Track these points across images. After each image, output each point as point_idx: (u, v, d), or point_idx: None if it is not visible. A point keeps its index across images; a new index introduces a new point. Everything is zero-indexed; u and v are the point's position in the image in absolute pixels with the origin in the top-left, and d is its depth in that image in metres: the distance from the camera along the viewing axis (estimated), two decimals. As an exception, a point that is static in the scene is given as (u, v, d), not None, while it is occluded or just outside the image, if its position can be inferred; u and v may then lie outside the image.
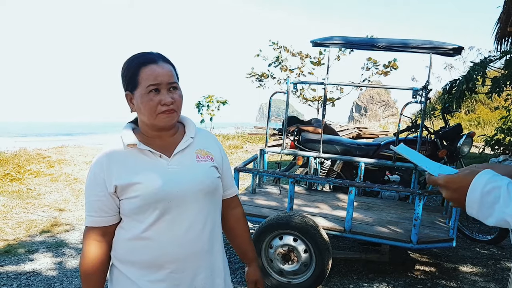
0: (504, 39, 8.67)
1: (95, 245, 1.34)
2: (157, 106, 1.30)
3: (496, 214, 0.77)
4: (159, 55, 1.37)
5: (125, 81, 1.35)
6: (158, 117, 1.32)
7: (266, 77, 13.26)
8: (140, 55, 1.36)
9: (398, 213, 3.72)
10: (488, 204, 0.79)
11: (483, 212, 0.80)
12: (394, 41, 4.00)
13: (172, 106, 1.32)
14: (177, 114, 1.36)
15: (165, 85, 1.31)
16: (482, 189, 0.80)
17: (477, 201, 0.80)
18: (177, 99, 1.34)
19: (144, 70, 1.30)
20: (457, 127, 4.36)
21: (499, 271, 3.50)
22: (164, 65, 1.33)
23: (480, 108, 19.13)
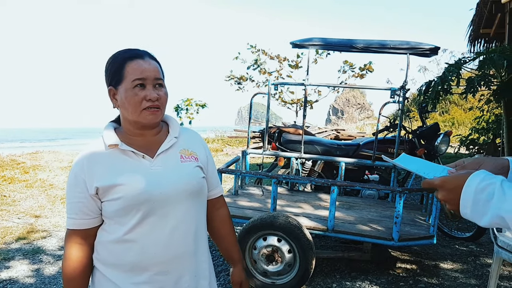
0: (477, 40, 8.95)
1: (77, 248, 1.31)
2: (141, 101, 1.27)
3: (491, 211, 0.77)
4: (146, 51, 1.35)
5: (109, 76, 1.32)
6: (142, 113, 1.29)
7: (245, 80, 13.24)
8: (126, 50, 1.34)
9: (379, 211, 3.77)
10: (482, 202, 0.79)
11: (477, 210, 0.80)
12: (372, 42, 4.07)
13: (157, 102, 1.30)
14: (161, 112, 1.34)
15: (151, 80, 1.29)
16: (476, 187, 0.80)
17: (471, 199, 0.81)
18: (162, 96, 1.32)
19: (130, 64, 1.28)
20: (434, 126, 4.46)
21: (479, 267, 3.59)
22: (151, 61, 1.32)
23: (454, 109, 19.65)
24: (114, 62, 1.32)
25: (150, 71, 1.29)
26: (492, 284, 2.76)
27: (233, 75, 13.31)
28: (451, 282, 3.30)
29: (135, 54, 1.31)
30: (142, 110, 1.29)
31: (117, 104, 1.34)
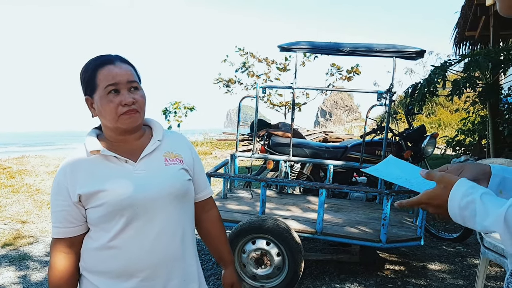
0: (462, 43, 9.07)
1: (63, 257, 1.30)
2: (117, 107, 1.26)
3: (478, 226, 0.80)
4: (117, 56, 1.34)
5: (84, 85, 1.32)
6: (120, 118, 1.28)
7: (233, 83, 13.28)
8: (97, 58, 1.33)
9: (367, 213, 3.80)
10: (467, 218, 0.82)
11: (468, 223, 0.83)
12: (359, 46, 4.11)
13: (134, 106, 1.28)
14: (140, 115, 1.32)
15: (124, 84, 1.28)
16: (459, 205, 0.82)
17: (458, 215, 0.83)
18: (139, 99, 1.31)
19: (101, 71, 1.27)
20: (421, 128, 4.52)
21: (466, 268, 3.63)
22: (122, 65, 1.30)
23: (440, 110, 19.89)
24: (86, 71, 1.31)
25: (122, 75, 1.28)
26: (479, 284, 2.79)
27: (221, 78, 13.33)
28: (439, 283, 3.34)
29: (106, 60, 1.30)
30: (120, 116, 1.28)
31: (95, 113, 1.33)
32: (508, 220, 0.74)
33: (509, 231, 0.74)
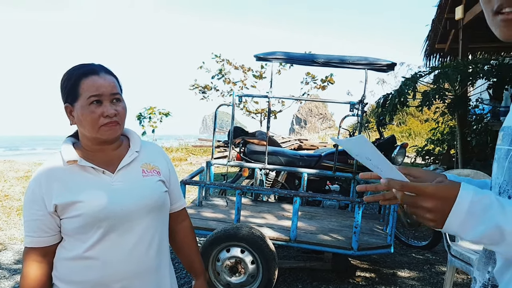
0: (432, 55, 9.37)
1: (35, 266, 1.29)
2: (99, 118, 1.27)
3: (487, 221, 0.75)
4: (101, 66, 1.34)
5: (65, 93, 1.31)
6: (100, 129, 1.28)
7: (209, 89, 13.29)
8: (80, 66, 1.32)
9: (339, 221, 3.88)
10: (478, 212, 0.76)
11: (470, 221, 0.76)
12: (332, 57, 4.21)
13: (115, 118, 1.29)
14: (120, 127, 1.33)
15: (107, 96, 1.28)
16: (472, 198, 0.76)
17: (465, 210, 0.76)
18: (121, 111, 1.32)
19: (85, 81, 1.27)
20: (391, 138, 4.65)
21: (434, 275, 3.74)
22: (106, 77, 1.31)
23: (411, 120, 20.42)
24: (69, 79, 1.30)
25: (106, 87, 1.28)
26: (446, 291, 2.90)
27: (197, 84, 13.32)
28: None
29: (90, 70, 1.30)
30: (100, 127, 1.28)
31: (74, 121, 1.32)
32: None
33: None
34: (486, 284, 0.91)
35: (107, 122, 1.28)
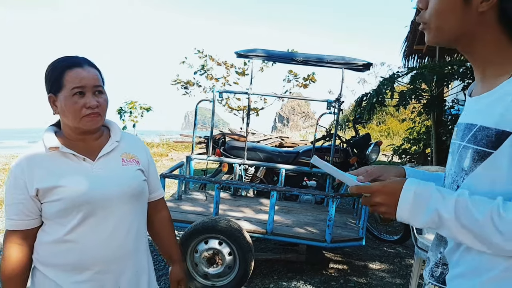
0: (411, 56, 9.60)
1: (16, 249, 1.35)
2: (81, 109, 1.33)
3: (429, 209, 0.89)
4: (85, 59, 1.41)
5: (49, 83, 1.37)
6: (82, 120, 1.35)
7: (191, 85, 13.28)
8: (65, 58, 1.39)
9: (314, 215, 4.01)
10: (420, 203, 0.90)
11: (416, 210, 0.91)
12: (311, 56, 4.33)
13: (97, 109, 1.36)
14: (101, 118, 1.40)
15: (90, 88, 1.35)
16: (416, 190, 0.91)
17: (411, 200, 0.91)
18: (102, 103, 1.39)
19: (69, 73, 1.33)
20: (366, 136, 4.81)
21: (404, 268, 3.92)
22: (90, 69, 1.37)
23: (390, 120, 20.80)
24: (53, 70, 1.37)
25: (89, 79, 1.35)
26: (413, 283, 3.05)
27: (179, 80, 13.29)
28: (378, 281, 3.59)
29: (74, 63, 1.36)
30: (82, 117, 1.35)
31: (57, 111, 1.39)
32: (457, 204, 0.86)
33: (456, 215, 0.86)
34: (437, 263, 1.04)
35: (89, 113, 1.35)
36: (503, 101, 0.87)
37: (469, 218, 0.85)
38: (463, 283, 0.93)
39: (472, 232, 0.85)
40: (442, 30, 0.95)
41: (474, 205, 0.85)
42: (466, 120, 0.99)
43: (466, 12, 0.91)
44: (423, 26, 0.99)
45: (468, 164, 0.93)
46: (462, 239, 0.88)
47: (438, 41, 0.98)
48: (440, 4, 0.93)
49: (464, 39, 0.95)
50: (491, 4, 0.88)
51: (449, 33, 0.95)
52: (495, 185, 0.87)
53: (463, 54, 1.01)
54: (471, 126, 0.95)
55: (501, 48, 0.92)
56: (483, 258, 0.89)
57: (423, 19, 0.98)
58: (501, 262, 0.86)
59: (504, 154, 0.85)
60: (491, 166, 0.88)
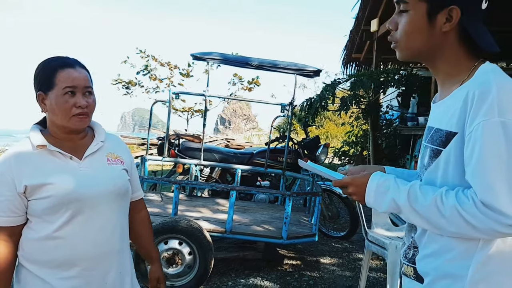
0: (349, 63, 10.13)
1: (3, 245, 1.34)
2: (71, 108, 1.36)
3: (388, 199, 1.08)
4: (76, 60, 1.44)
5: (39, 82, 1.39)
6: (71, 119, 1.38)
7: (133, 85, 12.97)
8: (57, 58, 1.42)
9: (270, 213, 4.17)
10: (381, 193, 1.10)
11: (378, 198, 1.11)
12: (265, 61, 4.49)
13: (86, 109, 1.39)
14: (89, 118, 1.44)
15: (81, 88, 1.38)
16: (377, 182, 1.11)
17: (373, 191, 1.11)
18: (91, 103, 1.42)
19: (61, 72, 1.36)
20: (316, 138, 5.07)
21: (352, 261, 4.18)
22: (81, 70, 1.41)
23: (328, 123, 21.67)
24: (44, 69, 1.39)
25: (80, 80, 1.38)
26: (364, 274, 3.29)
27: (120, 79, 12.91)
28: (330, 274, 3.81)
29: (66, 63, 1.39)
30: (72, 117, 1.38)
31: (46, 109, 1.40)
32: (410, 193, 1.04)
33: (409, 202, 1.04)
34: (410, 246, 1.21)
35: (79, 113, 1.38)
36: (452, 106, 1.05)
37: (418, 204, 1.03)
38: (429, 262, 1.11)
39: (422, 216, 1.03)
40: (411, 49, 1.13)
41: (422, 193, 1.04)
42: (429, 124, 1.19)
43: (431, 33, 1.08)
44: (394, 45, 1.16)
45: (427, 161, 1.13)
46: (416, 222, 1.07)
47: (407, 58, 1.16)
48: (409, 27, 1.10)
49: (429, 55, 1.13)
50: (453, 25, 1.06)
51: (417, 51, 1.13)
52: (445, 178, 1.06)
53: (428, 67, 1.19)
54: (430, 128, 1.15)
55: (459, 62, 1.10)
56: (445, 241, 1.06)
57: (395, 39, 1.14)
58: (459, 245, 1.04)
59: (451, 151, 1.04)
60: (441, 161, 1.07)
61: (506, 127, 0.94)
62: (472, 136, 0.97)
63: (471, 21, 1.05)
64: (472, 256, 1.02)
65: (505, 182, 0.93)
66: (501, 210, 0.92)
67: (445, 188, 1.02)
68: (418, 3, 1.07)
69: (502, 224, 0.92)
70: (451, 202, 0.98)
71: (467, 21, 1.05)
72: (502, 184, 0.93)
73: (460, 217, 0.96)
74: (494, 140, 0.94)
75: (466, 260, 1.03)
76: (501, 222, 0.92)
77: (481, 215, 0.94)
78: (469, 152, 0.98)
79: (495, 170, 0.94)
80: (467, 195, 0.97)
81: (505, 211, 0.92)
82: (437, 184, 1.07)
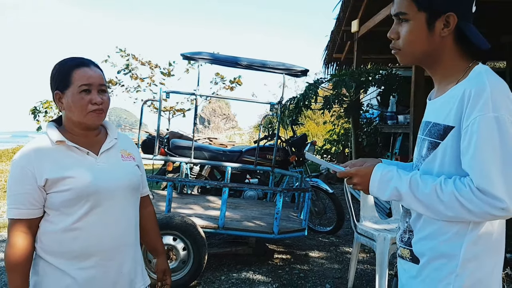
0: (330, 63, 10.32)
1: (22, 237, 1.39)
2: (87, 105, 1.43)
3: (390, 187, 1.19)
4: (90, 60, 1.52)
5: (56, 81, 1.46)
6: (87, 115, 1.45)
7: (114, 84, 12.83)
8: (73, 58, 1.49)
9: (260, 210, 4.27)
10: (385, 182, 1.21)
11: (382, 187, 1.21)
12: (254, 61, 4.58)
13: (101, 106, 1.46)
14: (104, 115, 1.51)
15: (96, 86, 1.45)
16: (381, 172, 1.22)
17: (377, 181, 1.22)
18: (106, 100, 1.49)
19: (77, 71, 1.43)
20: (303, 136, 5.20)
21: (340, 255, 4.33)
22: (96, 69, 1.48)
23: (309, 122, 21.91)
24: (61, 69, 1.46)
25: (95, 78, 1.46)
26: (353, 265, 3.43)
27: (101, 79, 12.70)
28: (319, 267, 3.94)
29: (82, 62, 1.47)
30: (88, 113, 1.45)
31: (63, 107, 1.47)
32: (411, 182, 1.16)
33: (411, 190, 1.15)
34: (405, 230, 1.32)
35: (94, 109, 1.45)
36: (449, 103, 1.17)
37: (419, 192, 1.15)
38: (425, 244, 1.23)
39: (422, 202, 1.15)
40: (412, 54, 1.25)
41: (423, 181, 1.16)
42: (425, 119, 1.31)
43: (431, 39, 1.20)
44: (396, 52, 1.27)
45: (425, 152, 1.25)
46: (416, 208, 1.19)
47: (409, 63, 1.29)
48: (411, 35, 1.21)
49: (429, 59, 1.25)
50: (450, 30, 1.18)
51: (418, 56, 1.25)
52: (442, 167, 1.19)
53: (425, 69, 1.32)
54: (428, 123, 1.27)
55: (454, 63, 1.22)
56: (438, 225, 1.19)
57: (397, 46, 1.25)
58: (451, 228, 1.17)
59: (448, 143, 1.16)
60: (439, 152, 1.19)
61: (500, 121, 1.06)
62: (469, 129, 1.09)
63: (466, 24, 1.18)
64: (463, 237, 1.15)
65: (499, 170, 1.06)
66: (495, 195, 1.04)
67: (443, 177, 1.14)
68: (417, 13, 1.18)
69: (496, 207, 1.05)
70: (449, 189, 1.10)
71: (464, 25, 1.17)
72: (496, 172, 1.06)
73: (458, 202, 1.08)
74: (489, 132, 1.06)
75: (458, 241, 1.15)
76: (495, 206, 1.05)
77: (477, 200, 1.06)
78: (466, 143, 1.10)
79: (490, 160, 1.06)
80: (464, 183, 1.09)
81: (499, 196, 1.04)
82: (434, 173, 1.19)
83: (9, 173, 1.42)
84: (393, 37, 1.25)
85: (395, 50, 1.26)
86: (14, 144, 17.91)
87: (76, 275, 1.43)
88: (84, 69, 1.45)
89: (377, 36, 8.36)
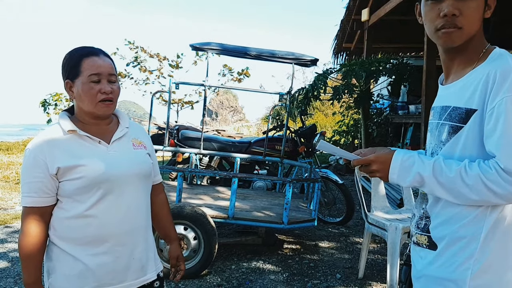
0: (340, 53, 10.23)
1: (35, 224, 1.41)
2: (97, 94, 1.43)
3: (413, 173, 1.17)
4: (100, 49, 1.51)
5: (66, 70, 1.46)
6: (97, 105, 1.45)
7: (123, 77, 12.89)
8: (83, 47, 1.49)
9: (269, 200, 4.27)
10: (406, 167, 1.18)
11: (402, 173, 1.19)
12: (263, 51, 4.56)
13: (110, 95, 1.46)
14: (114, 105, 1.51)
15: (105, 76, 1.45)
16: (402, 157, 1.20)
17: (398, 166, 1.19)
18: (115, 90, 1.49)
19: (86, 60, 1.43)
20: (312, 127, 5.17)
21: (350, 245, 4.32)
22: (105, 59, 1.48)
23: (318, 113, 21.83)
24: (71, 58, 1.46)
25: (105, 67, 1.45)
26: (364, 254, 3.43)
27: (110, 71, 12.75)
28: (329, 257, 3.94)
29: (91, 52, 1.47)
30: (98, 102, 1.45)
31: (73, 96, 1.48)
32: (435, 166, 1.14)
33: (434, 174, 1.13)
34: (421, 216, 1.31)
35: (104, 98, 1.45)
36: (471, 86, 1.15)
37: (443, 176, 1.13)
38: (444, 229, 1.22)
39: (445, 186, 1.13)
40: (469, 35, 1.18)
41: (447, 166, 1.14)
42: (441, 103, 1.27)
43: (481, 20, 1.18)
44: (451, 31, 1.17)
45: (445, 137, 1.22)
46: (438, 193, 1.16)
47: (460, 43, 1.19)
48: (477, 13, 1.16)
49: (470, 41, 1.20)
50: (492, 11, 1.17)
51: (471, 36, 1.19)
52: (464, 151, 1.16)
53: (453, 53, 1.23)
54: (446, 107, 1.23)
55: (481, 47, 1.21)
56: (458, 209, 1.17)
57: (460, 24, 1.15)
58: (471, 212, 1.15)
59: (471, 126, 1.14)
60: (462, 136, 1.17)
61: None
62: (495, 110, 1.07)
63: None
64: (483, 220, 1.14)
65: None
66: None
67: (467, 161, 1.12)
68: None
69: None
70: (474, 172, 1.08)
71: None
72: None
73: (483, 185, 1.06)
74: None
75: (478, 224, 1.14)
76: None
77: (503, 182, 1.04)
78: (492, 124, 1.08)
79: None
80: (489, 165, 1.08)
81: None
82: (456, 157, 1.17)
83: (22, 162, 1.43)
84: (456, 13, 1.15)
85: (452, 28, 1.17)
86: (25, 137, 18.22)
87: (89, 261, 1.45)
88: (93, 58, 1.44)
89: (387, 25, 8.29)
